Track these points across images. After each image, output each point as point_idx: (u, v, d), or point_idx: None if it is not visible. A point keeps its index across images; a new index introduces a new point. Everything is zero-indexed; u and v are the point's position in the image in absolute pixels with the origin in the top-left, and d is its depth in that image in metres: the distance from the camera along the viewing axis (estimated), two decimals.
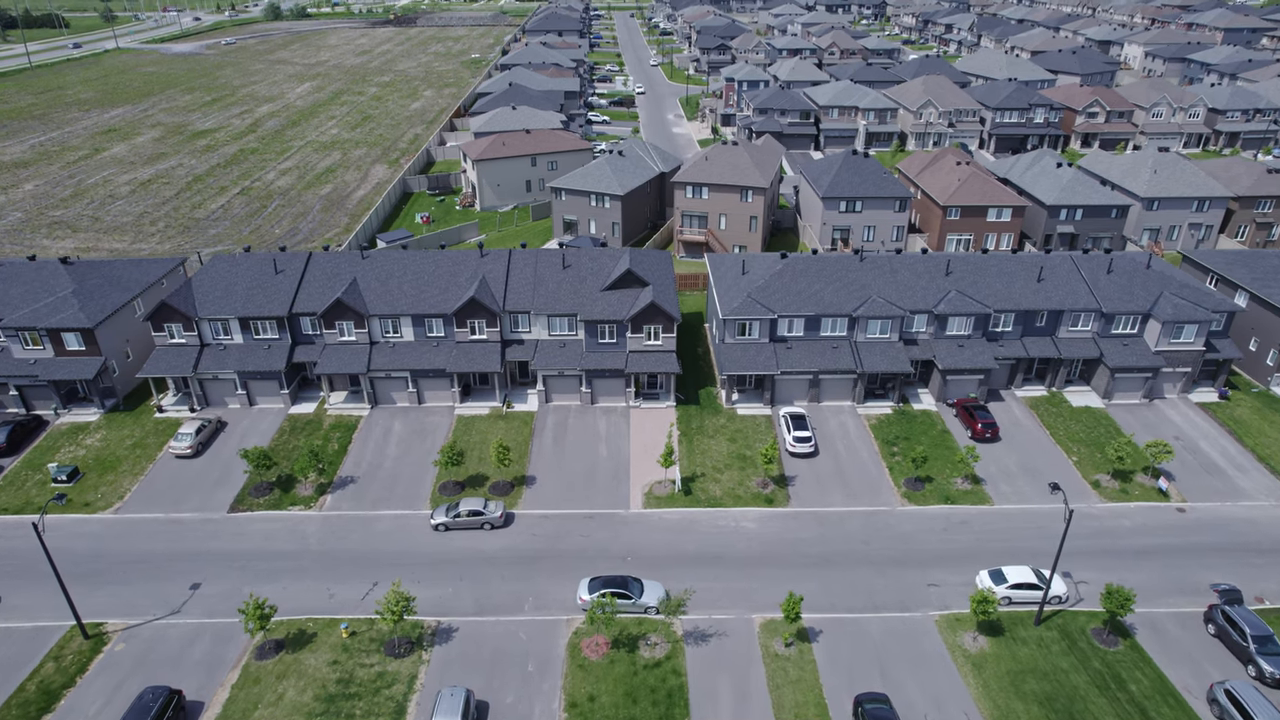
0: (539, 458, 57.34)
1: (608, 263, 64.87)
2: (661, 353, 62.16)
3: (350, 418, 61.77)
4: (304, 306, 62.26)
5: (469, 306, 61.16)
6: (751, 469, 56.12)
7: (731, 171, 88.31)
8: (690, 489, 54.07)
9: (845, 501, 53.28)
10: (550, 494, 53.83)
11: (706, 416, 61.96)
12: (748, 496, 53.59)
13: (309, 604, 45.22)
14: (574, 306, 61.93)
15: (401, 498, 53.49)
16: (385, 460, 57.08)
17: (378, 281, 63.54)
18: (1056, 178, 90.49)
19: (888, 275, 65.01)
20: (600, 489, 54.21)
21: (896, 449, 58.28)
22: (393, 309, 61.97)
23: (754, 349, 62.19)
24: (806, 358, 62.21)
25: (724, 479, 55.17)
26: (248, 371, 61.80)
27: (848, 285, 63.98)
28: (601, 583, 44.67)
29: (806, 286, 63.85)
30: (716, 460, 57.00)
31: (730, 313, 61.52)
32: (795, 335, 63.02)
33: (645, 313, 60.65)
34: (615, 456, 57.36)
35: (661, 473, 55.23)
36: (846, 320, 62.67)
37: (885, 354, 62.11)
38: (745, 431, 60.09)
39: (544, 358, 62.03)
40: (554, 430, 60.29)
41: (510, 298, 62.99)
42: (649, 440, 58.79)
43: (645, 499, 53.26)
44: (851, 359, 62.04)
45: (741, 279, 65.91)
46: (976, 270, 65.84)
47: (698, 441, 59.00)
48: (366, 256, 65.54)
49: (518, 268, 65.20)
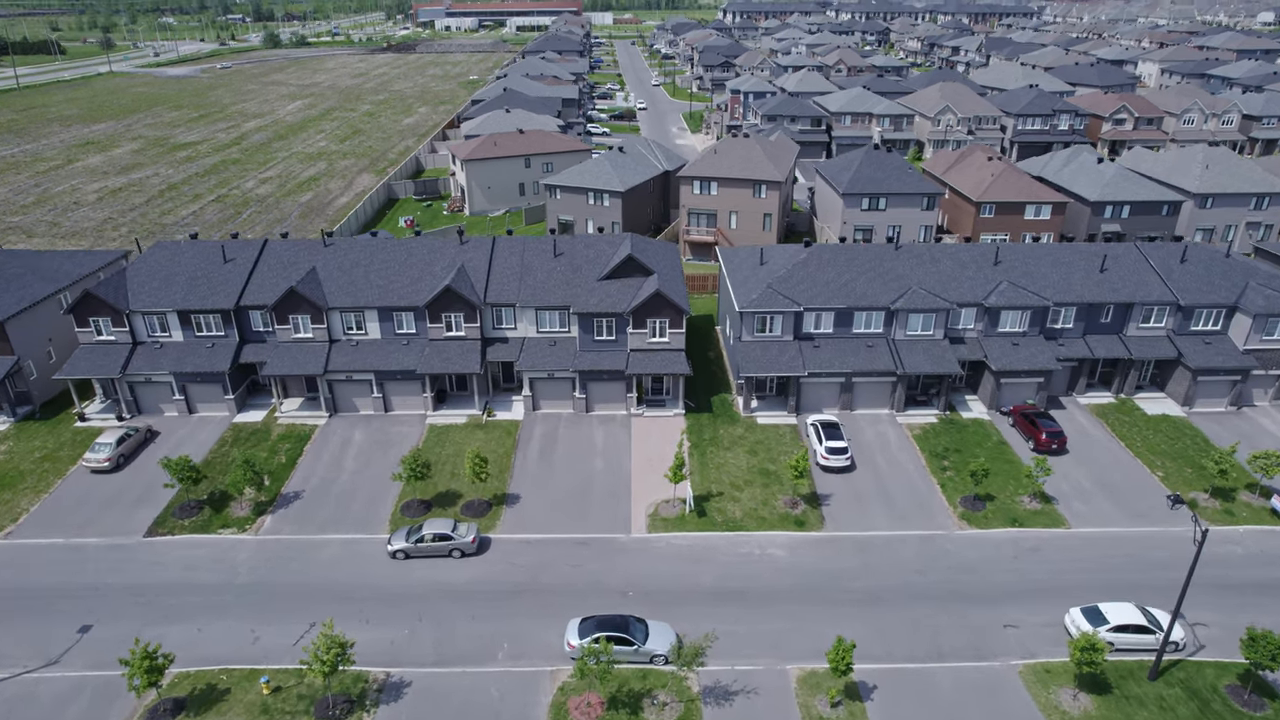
0: (523, 473, 48.31)
1: (606, 249, 56.49)
2: (668, 351, 53.43)
3: (304, 427, 52.85)
4: (255, 299, 53.74)
5: (444, 298, 52.64)
6: (777, 485, 47.03)
7: (743, 165, 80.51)
8: (704, 509, 44.94)
9: (891, 524, 44.08)
10: (535, 515, 44.71)
11: (721, 426, 53.02)
12: (774, 518, 44.41)
13: (226, 650, 35.87)
14: (566, 298, 53.39)
15: (356, 519, 44.34)
16: (340, 475, 48.02)
17: (340, 271, 55.12)
18: (1098, 174, 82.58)
19: (928, 265, 56.56)
20: (595, 509, 45.10)
21: (947, 463, 49.19)
22: (356, 301, 53.43)
23: (776, 348, 53.45)
24: (837, 357, 53.45)
25: (744, 497, 46.05)
26: (186, 373, 53.04)
27: (882, 275, 55.49)
28: (595, 624, 35.41)
29: (835, 277, 55.36)
30: (735, 475, 47.93)
31: (748, 305, 52.95)
32: (823, 332, 54.34)
33: (649, 304, 52.07)
34: (614, 471, 48.33)
35: (669, 490, 46.14)
36: (883, 314, 54.03)
37: (929, 353, 53.36)
38: (767, 443, 51.10)
39: (531, 358, 53.31)
40: (541, 442, 51.34)
41: (493, 289, 54.49)
42: (653, 453, 49.79)
43: (650, 521, 44.12)
44: (890, 358, 53.27)
45: (759, 270, 57.46)
46: (1029, 260, 57.38)
47: (712, 454, 49.98)
48: (330, 244, 57.24)
49: (502, 256, 56.81)
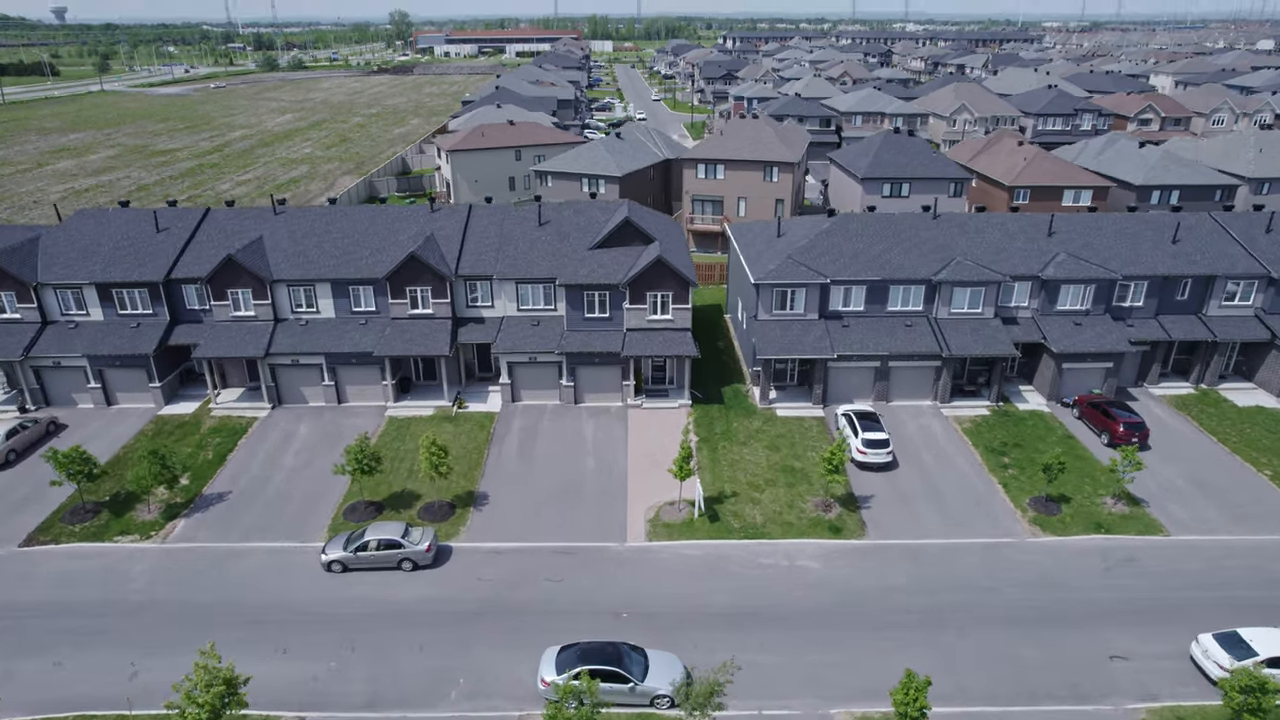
0: (496, 471, 40.04)
1: (598, 217, 48.81)
2: (672, 331, 45.44)
3: (241, 420, 44.66)
4: (190, 271, 45.96)
5: (408, 269, 44.82)
6: (804, 485, 38.74)
7: (753, 146, 73.32)
8: (717, 513, 36.63)
9: (947, 530, 35.73)
10: (508, 519, 36.38)
11: (735, 418, 44.82)
12: (803, 524, 36.06)
13: (91, 688, 27.35)
14: (552, 270, 45.57)
15: (288, 524, 36.01)
16: (276, 474, 39.75)
17: (290, 241, 47.40)
18: (1141, 158, 75.29)
19: (971, 236, 48.82)
20: (583, 513, 36.78)
21: (1008, 459, 40.90)
22: (306, 273, 45.60)
23: (799, 328, 45.47)
24: (870, 338, 45.46)
25: (765, 499, 37.75)
26: (103, 357, 45.05)
27: (920, 246, 47.72)
28: (578, 655, 26.97)
29: (865, 247, 47.59)
30: (753, 473, 39.66)
31: (766, 276, 45.09)
32: (854, 310, 46.40)
33: (650, 274, 44.21)
34: (607, 469, 40.07)
35: (673, 490, 37.85)
36: (923, 289, 46.16)
37: (978, 334, 45.36)
38: (790, 437, 42.88)
39: (510, 338, 45.32)
40: (521, 436, 43.14)
41: (467, 260, 46.71)
42: (654, 448, 41.56)
43: (650, 527, 35.78)
44: (933, 339, 45.27)
45: (776, 242, 49.75)
46: (1088, 231, 49.67)
47: (725, 450, 41.74)
48: (281, 212, 49.60)
49: (479, 225, 49.12)
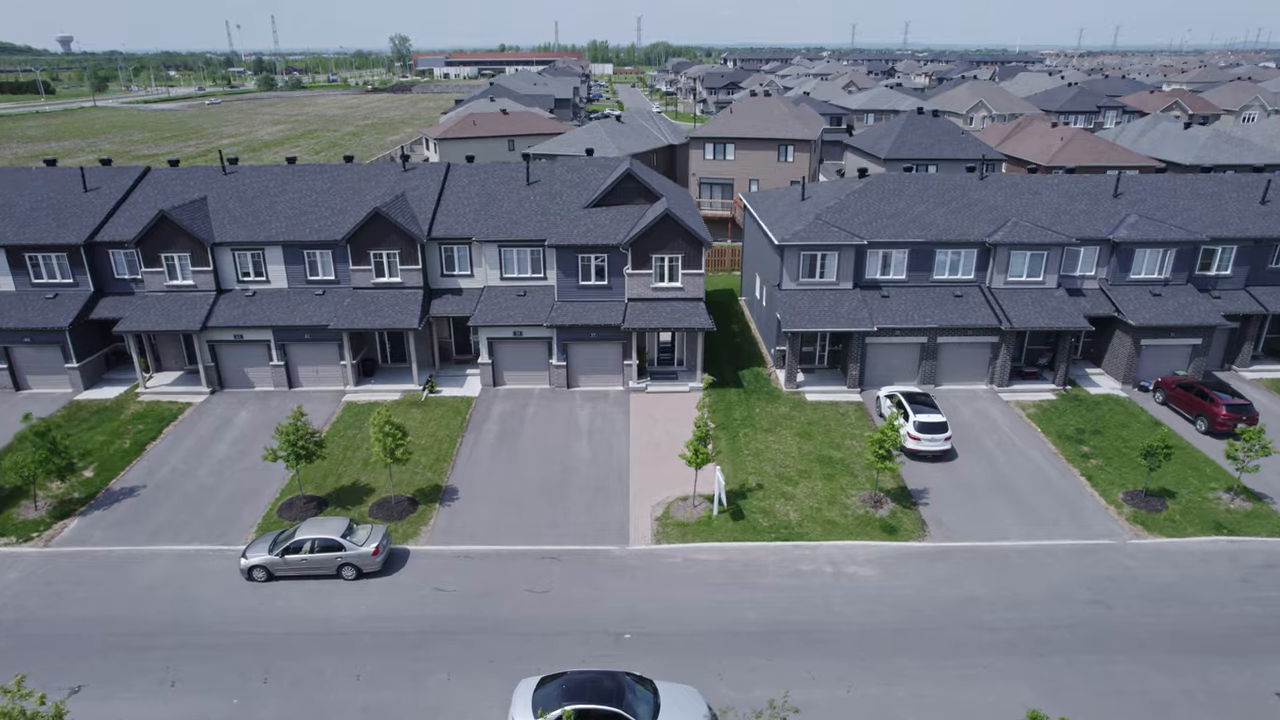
0: (469, 462, 33.04)
1: (595, 175, 42.28)
2: (682, 301, 38.67)
3: (171, 405, 37.74)
4: (119, 234, 39.36)
5: (372, 229, 38.20)
6: (846, 477, 31.73)
7: (765, 123, 67.22)
8: (741, 509, 29.58)
9: (1028, 529, 28.63)
10: (481, 518, 29.31)
11: (758, 404, 37.88)
12: (849, 522, 28.98)
13: None
14: (541, 231, 38.94)
15: (208, 523, 28.94)
16: (202, 466, 32.76)
17: (239, 202, 40.83)
18: (1188, 139, 69.12)
19: (1026, 197, 42.30)
20: (577, 510, 29.73)
21: (1088, 448, 33.91)
22: (254, 236, 38.98)
23: (830, 299, 38.71)
24: (915, 310, 38.72)
25: (799, 493, 30.71)
26: (10, 331, 38.26)
27: (969, 207, 41.15)
28: (564, 690, 19.77)
29: (905, 208, 41.04)
30: (782, 464, 32.66)
31: (792, 237, 38.43)
32: (894, 278, 39.71)
33: (656, 233, 37.55)
34: (604, 459, 33.08)
35: (685, 483, 30.81)
36: (974, 254, 39.49)
37: (1041, 304, 38.60)
38: (824, 423, 35.93)
39: (491, 310, 38.55)
40: (502, 421, 36.18)
41: (443, 221, 40.11)
42: (661, 437, 34.60)
43: (658, 527, 28.70)
44: (989, 311, 38.52)
45: (800, 205, 43.23)
46: (1161, 192, 43.14)
47: (747, 438, 34.77)
48: (232, 171, 43.10)
49: (458, 184, 42.59)
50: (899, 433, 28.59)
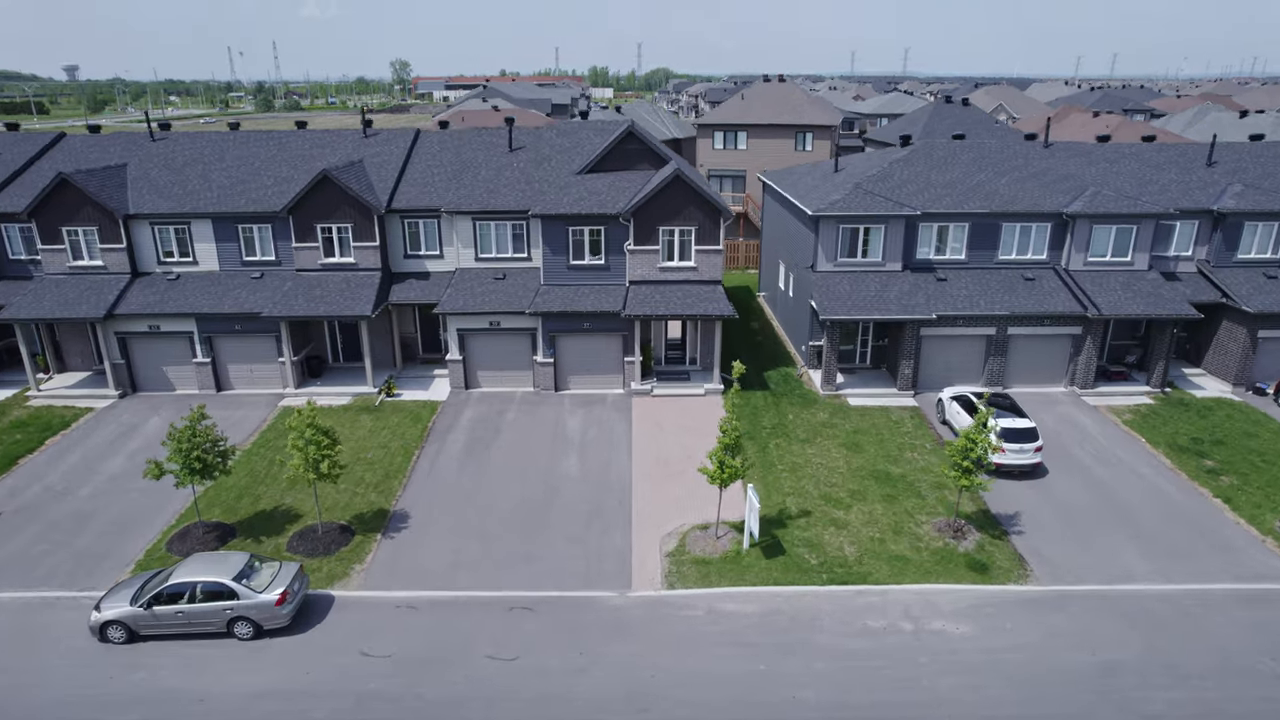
0: (427, 479, 25.92)
1: (591, 139, 35.61)
2: (696, 284, 31.80)
3: (67, 411, 30.69)
4: (11, 205, 32.65)
5: (319, 197, 31.46)
6: (911, 498, 24.59)
7: (780, 109, 60.94)
8: (779, 540, 22.42)
9: (1160, 567, 21.38)
10: (436, 552, 22.13)
11: (790, 409, 30.81)
12: (925, 558, 21.79)
13: None
14: (524, 200, 32.22)
15: (74, 560, 21.76)
16: (84, 485, 25.58)
17: (166, 170, 34.18)
18: (1244, 128, 62.72)
19: (1101, 166, 35.63)
20: (559, 540, 22.57)
21: (1212, 462, 26.80)
22: (179, 207, 32.28)
23: (876, 282, 31.83)
24: (979, 295, 31.85)
25: (854, 519, 23.55)
26: None
27: (1036, 176, 34.47)
28: None
29: (962, 176, 34.38)
30: (828, 481, 25.54)
31: (829, 207, 31.64)
32: (951, 259, 32.89)
33: (664, 200, 30.76)
34: (599, 476, 25.96)
35: (706, 503, 23.70)
36: (1047, 229, 32.69)
37: (1133, 289, 31.72)
38: (875, 432, 28.82)
39: (463, 295, 31.67)
40: (472, 430, 29.10)
41: (405, 190, 33.40)
42: (671, 449, 27.51)
43: (670, 564, 21.52)
44: (1069, 297, 31.64)
45: (835, 177, 36.56)
46: (1266, 159, 36.46)
47: (782, 449, 27.66)
48: (161, 138, 36.50)
49: (428, 152, 35.95)
50: (990, 438, 21.51)
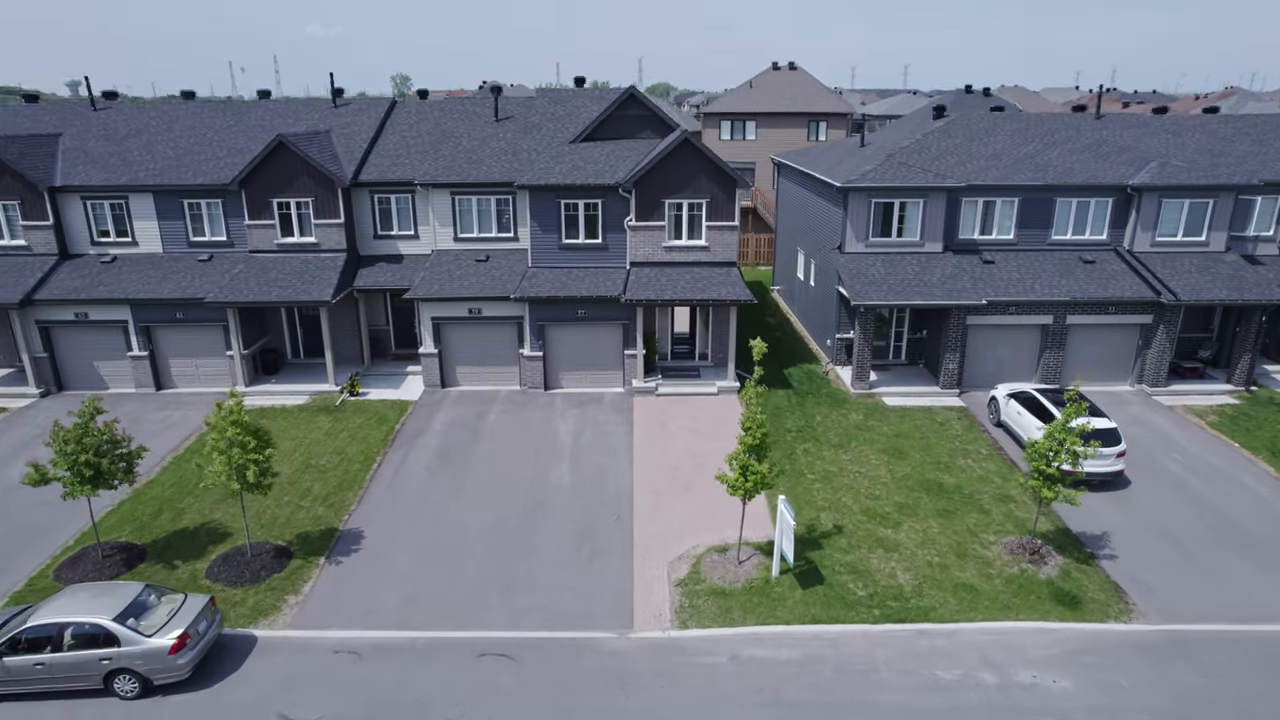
0: (387, 490, 21.66)
1: (586, 105, 31.55)
2: (708, 266, 27.68)
3: None
4: None
5: (275, 167, 27.40)
6: (972, 513, 20.33)
7: (791, 97, 57.17)
8: (816, 565, 18.15)
9: None
10: (390, 580, 17.84)
11: (817, 409, 26.58)
12: (999, 588, 17.50)
13: None
14: (510, 171, 28.17)
15: None
16: None
17: (105, 142, 30.18)
18: None
19: (1163, 138, 31.54)
20: (545, 566, 18.29)
21: None
22: (115, 179, 28.25)
23: (914, 264, 27.72)
24: (1033, 279, 27.73)
25: (906, 538, 19.28)
26: None
27: (1093, 148, 30.42)
28: None
29: (1008, 148, 30.37)
30: (869, 493, 21.28)
31: (861, 178, 27.58)
32: (998, 239, 28.82)
33: (671, 168, 26.67)
34: (595, 488, 21.70)
35: (725, 519, 19.47)
36: (1109, 204, 28.61)
37: (1211, 272, 27.57)
38: (918, 435, 24.57)
39: (439, 278, 27.54)
40: (446, 435, 24.87)
41: (376, 162, 29.36)
42: (679, 456, 23.28)
43: (682, 596, 17.23)
44: (1137, 281, 27.52)
45: (861, 152, 32.60)
46: None
47: (811, 455, 23.41)
48: (104, 107, 32.53)
49: (403, 122, 31.93)
50: (1078, 441, 17.27)
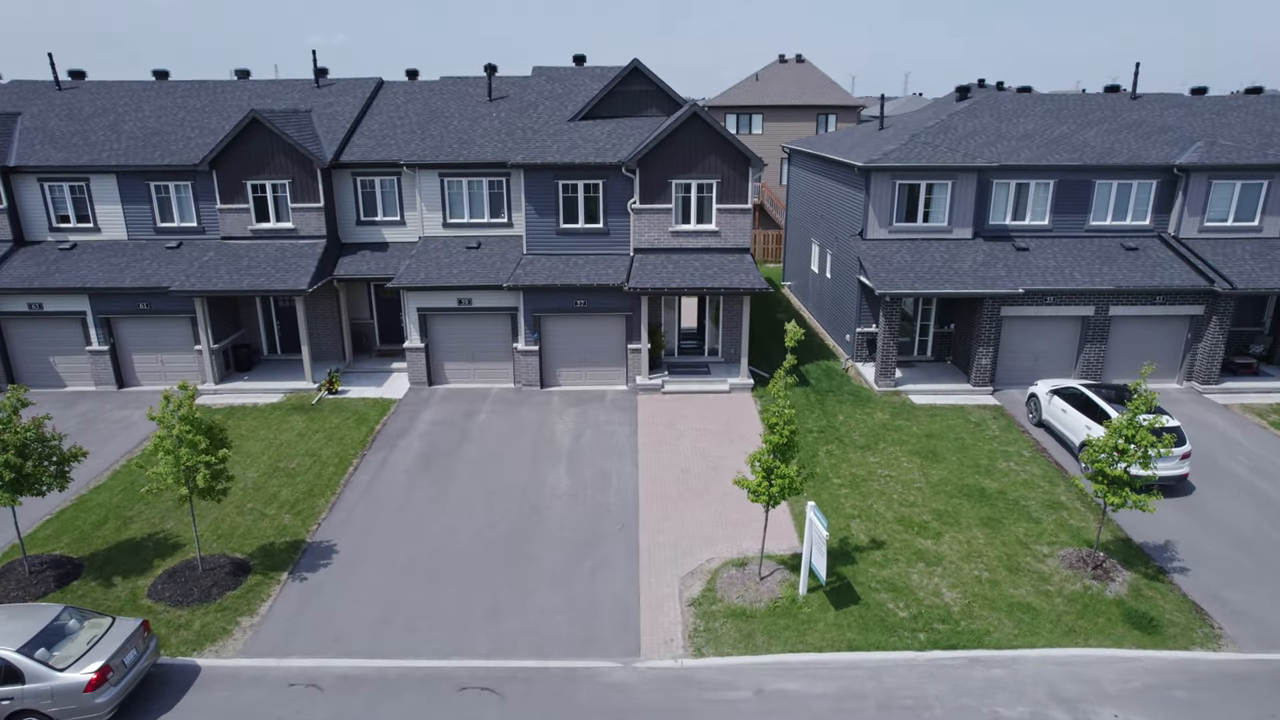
0: (364, 496, 19.37)
1: (587, 84, 29.40)
2: (718, 253, 25.49)
3: None
4: None
5: (249, 146, 25.23)
6: (1020, 521, 18.04)
7: (800, 88, 55.10)
8: (849, 581, 15.87)
9: None
10: (361, 600, 15.53)
11: (840, 408, 24.28)
12: (1061, 607, 15.20)
13: None
14: (504, 151, 25.99)
15: None
16: None
17: (68, 121, 28.06)
18: None
19: (1205, 118, 29.30)
20: (538, 584, 15.99)
21: None
22: (73, 158, 26.11)
23: (943, 251, 25.52)
24: (1071, 267, 25.53)
25: (948, 550, 16.99)
26: None
27: (1132, 128, 28.27)
28: None
29: (1041, 127, 28.22)
30: (903, 499, 18.99)
31: (884, 158, 25.44)
32: (1032, 224, 26.63)
33: (679, 144, 24.50)
34: (596, 494, 19.42)
35: (743, 528, 17.21)
36: (1152, 186, 26.43)
37: (1270, 260, 25.33)
38: (952, 436, 22.27)
39: (426, 266, 25.34)
40: (431, 434, 22.61)
41: (359, 142, 27.21)
42: (690, 459, 21.01)
43: (696, 618, 14.94)
44: (1186, 269, 25.31)
45: (880, 135, 30.51)
46: None
47: (836, 458, 21.11)
48: (70, 86, 30.42)
49: (391, 103, 29.81)
50: (1150, 438, 15.01)
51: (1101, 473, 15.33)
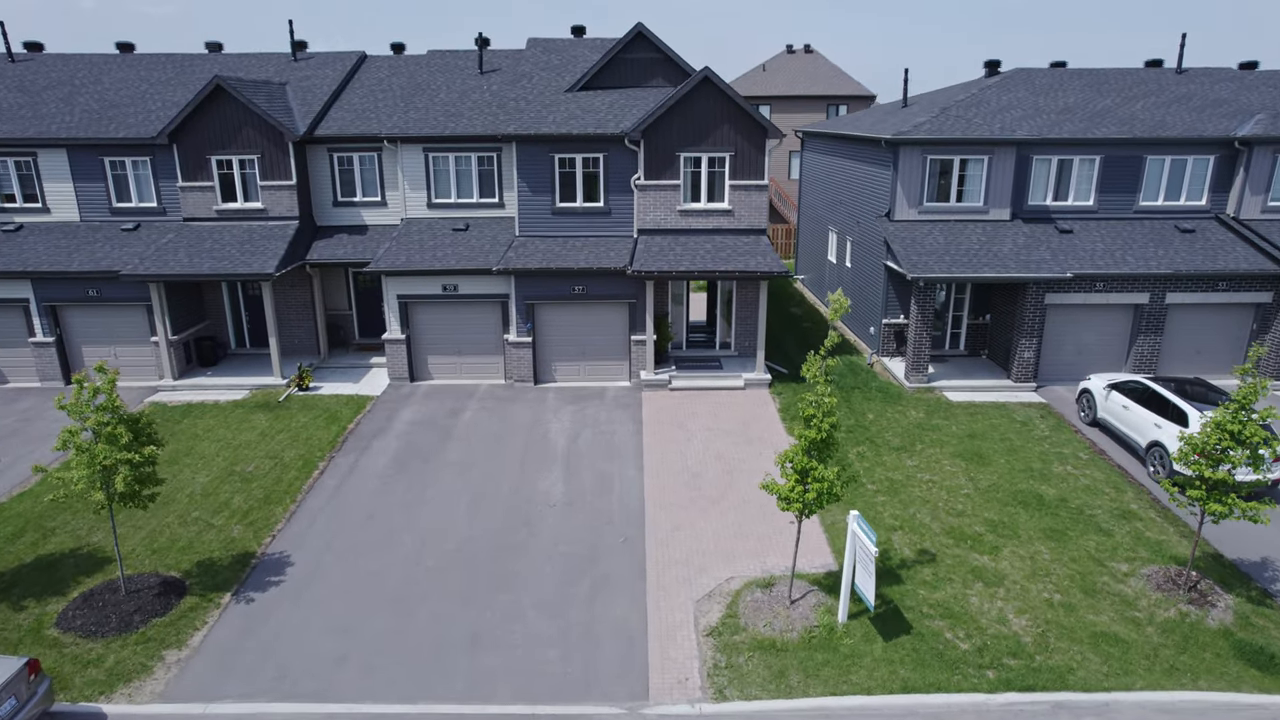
0: (328, 504, 16.85)
1: (585, 54, 27.00)
2: (732, 234, 23.08)
3: None
4: None
5: (213, 116, 22.83)
6: (1088, 532, 15.50)
7: (809, 79, 52.77)
8: (895, 603, 13.32)
9: None
10: (314, 628, 12.98)
11: (869, 406, 21.75)
12: (1151, 639, 12.62)
13: None
14: (495, 123, 23.59)
15: None
16: None
17: (19, 93, 25.65)
18: None
19: (1262, 92, 26.89)
20: (529, 608, 13.45)
21: None
22: (18, 131, 23.71)
23: (980, 233, 23.09)
24: (1121, 250, 23.07)
25: (1009, 566, 14.45)
26: None
27: (1182, 101, 25.87)
28: None
29: (1081, 101, 25.81)
30: (949, 507, 16.47)
31: (913, 130, 23.08)
32: (1077, 205, 24.20)
33: (687, 112, 22.12)
34: (596, 502, 16.91)
35: (766, 542, 14.68)
36: (1209, 162, 23.98)
37: None
38: (997, 436, 19.75)
39: (407, 248, 22.88)
40: (410, 434, 20.09)
41: (337, 115, 24.80)
42: (703, 461, 18.50)
43: (715, 652, 12.40)
44: (1251, 252, 22.85)
45: (905, 112, 28.16)
46: None
47: (869, 460, 18.57)
48: (25, 59, 28.08)
49: (373, 76, 27.42)
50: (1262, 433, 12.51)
51: (1200, 476, 12.83)
